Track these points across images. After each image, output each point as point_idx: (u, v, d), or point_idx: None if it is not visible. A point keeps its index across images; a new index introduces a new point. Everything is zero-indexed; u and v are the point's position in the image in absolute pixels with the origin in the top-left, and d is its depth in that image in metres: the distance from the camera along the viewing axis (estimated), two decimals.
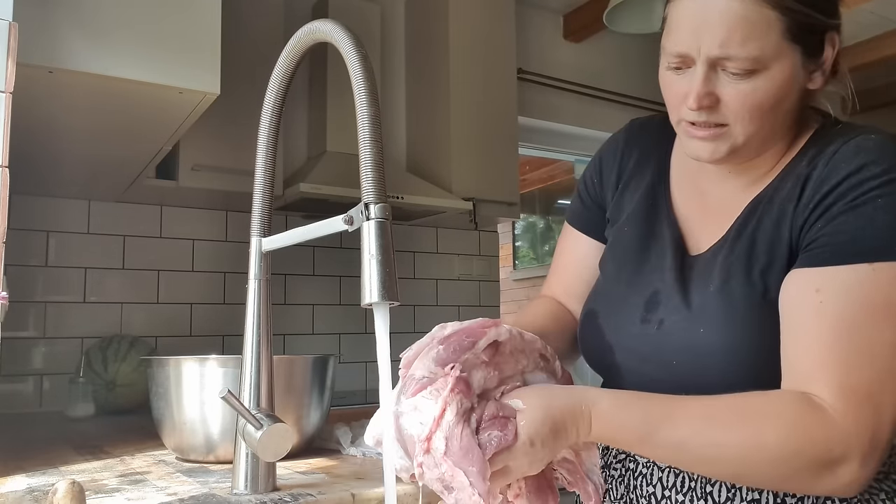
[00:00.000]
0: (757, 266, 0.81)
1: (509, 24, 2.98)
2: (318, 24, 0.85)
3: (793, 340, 0.75)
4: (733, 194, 0.89)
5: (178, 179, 2.19)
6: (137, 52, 1.29)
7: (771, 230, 0.81)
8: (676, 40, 0.80)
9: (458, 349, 0.70)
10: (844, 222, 0.74)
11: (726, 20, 0.76)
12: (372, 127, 0.75)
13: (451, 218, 2.82)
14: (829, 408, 0.69)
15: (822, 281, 0.73)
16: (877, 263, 0.72)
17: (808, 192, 0.79)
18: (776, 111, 0.81)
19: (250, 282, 0.94)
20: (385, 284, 0.72)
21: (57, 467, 1.12)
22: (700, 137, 0.83)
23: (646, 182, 0.98)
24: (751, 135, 0.81)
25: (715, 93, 0.79)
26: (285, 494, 0.90)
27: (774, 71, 0.78)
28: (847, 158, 0.78)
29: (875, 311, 0.71)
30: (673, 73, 0.83)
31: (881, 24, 3.79)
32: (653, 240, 0.93)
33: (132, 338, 2.15)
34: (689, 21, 0.79)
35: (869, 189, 0.74)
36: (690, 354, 0.82)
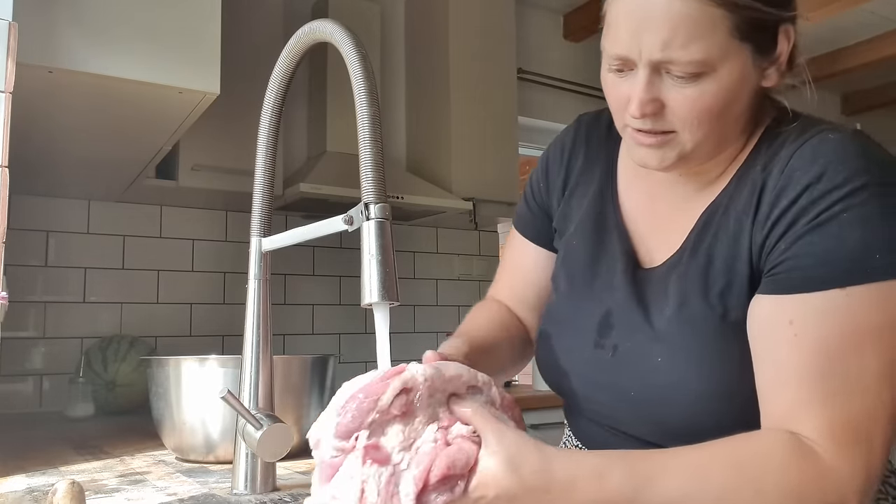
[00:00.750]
0: (715, 287, 0.75)
1: (509, 24, 2.99)
2: (318, 24, 0.85)
3: (770, 375, 0.70)
4: (685, 200, 0.83)
5: (178, 179, 2.19)
6: (137, 51, 1.29)
7: (728, 246, 0.75)
8: (615, 41, 0.74)
9: (358, 414, 0.62)
10: (810, 243, 0.68)
11: (667, 20, 0.69)
12: (372, 127, 0.74)
13: (451, 218, 2.82)
14: (821, 449, 0.64)
15: (794, 310, 0.68)
16: (850, 288, 0.66)
17: (764, 205, 0.73)
18: (726, 115, 0.74)
19: (250, 282, 0.94)
20: (385, 284, 0.72)
21: (57, 467, 1.12)
22: (647, 145, 0.76)
23: (593, 187, 0.92)
24: (700, 141, 0.75)
25: (659, 98, 0.73)
26: (285, 494, 0.90)
27: (723, 73, 0.71)
28: (804, 166, 0.71)
29: (854, 340, 0.66)
30: (615, 75, 0.76)
31: (881, 24, 3.78)
32: (602, 252, 0.88)
33: (132, 338, 2.15)
34: (628, 21, 0.72)
35: (832, 203, 0.68)
36: (649, 386, 0.77)
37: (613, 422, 0.84)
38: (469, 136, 2.80)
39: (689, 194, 0.83)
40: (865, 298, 0.66)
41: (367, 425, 0.62)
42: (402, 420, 0.64)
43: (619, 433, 0.83)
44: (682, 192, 0.84)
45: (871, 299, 0.66)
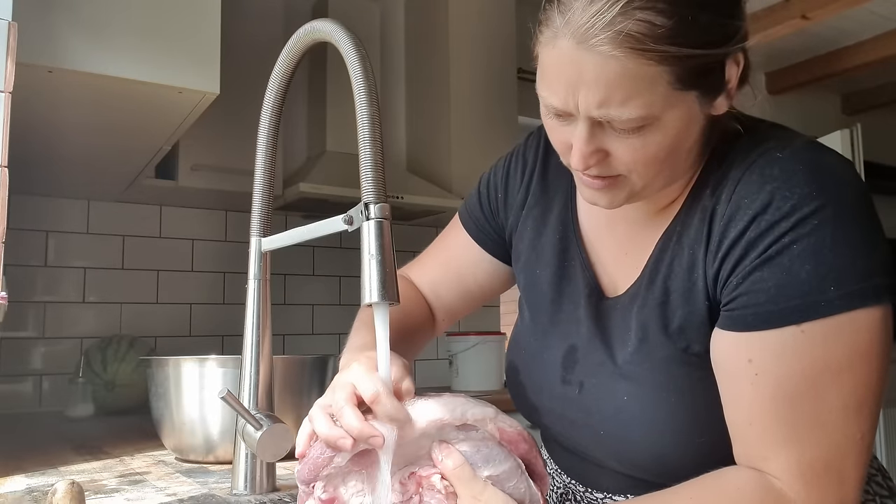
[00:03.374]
0: (674, 321, 0.73)
1: (509, 23, 2.99)
2: (317, 23, 0.85)
3: (735, 413, 0.69)
4: (642, 226, 0.81)
5: (178, 179, 2.19)
6: (137, 51, 1.29)
7: (683, 279, 0.73)
8: (552, 92, 0.70)
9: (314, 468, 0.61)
10: (761, 279, 0.66)
11: (602, 79, 0.64)
12: (372, 127, 0.74)
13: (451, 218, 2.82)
14: (791, 492, 0.64)
15: (751, 349, 0.66)
16: (804, 324, 0.64)
17: (715, 235, 0.70)
18: (674, 156, 0.71)
19: (250, 282, 0.94)
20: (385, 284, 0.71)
21: (56, 467, 1.12)
22: (595, 188, 0.74)
23: (554, 214, 0.89)
24: (650, 180, 0.72)
25: (603, 148, 0.70)
26: (285, 495, 0.90)
27: (667, 121, 0.67)
28: (751, 193, 0.68)
29: (814, 377, 0.64)
30: (555, 121, 0.73)
31: (881, 24, 3.79)
32: (566, 284, 0.86)
33: (132, 338, 2.15)
34: (562, 74, 0.68)
35: (780, 235, 0.65)
36: (616, 425, 0.77)
37: (585, 454, 0.85)
38: (469, 136, 2.80)
39: (645, 219, 0.81)
40: (821, 334, 0.64)
41: (322, 477, 0.61)
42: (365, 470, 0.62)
43: (593, 463, 0.85)
44: (639, 217, 0.82)
45: (827, 335, 0.64)
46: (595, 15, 0.63)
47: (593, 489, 0.87)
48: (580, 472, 0.89)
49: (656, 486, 0.72)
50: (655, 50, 0.63)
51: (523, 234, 0.92)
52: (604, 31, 0.63)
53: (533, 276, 0.90)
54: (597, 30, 0.63)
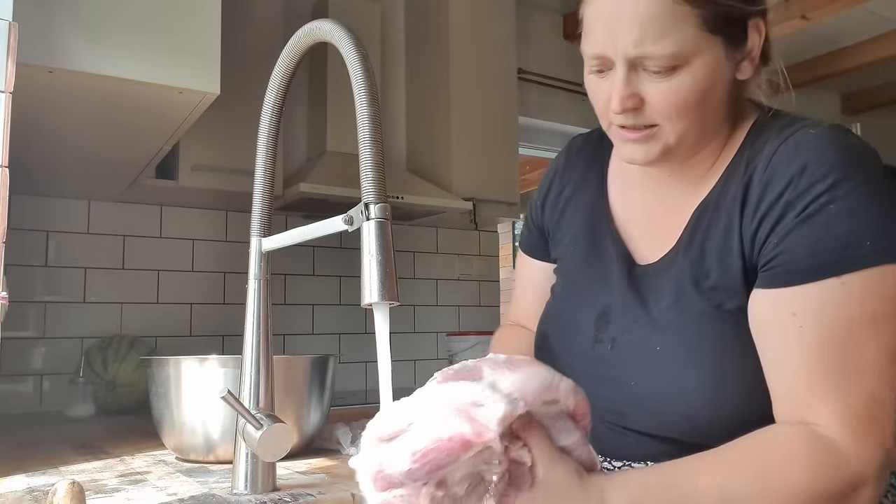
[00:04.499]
0: (709, 279, 0.77)
1: (509, 24, 2.99)
2: (318, 24, 0.85)
3: (779, 368, 0.72)
4: (677, 199, 0.85)
5: (178, 179, 2.19)
6: (137, 51, 1.29)
7: (720, 241, 0.78)
8: (593, 42, 0.78)
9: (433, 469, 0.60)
10: (801, 236, 0.71)
11: (638, 18, 0.73)
12: (372, 127, 0.74)
13: (451, 218, 2.82)
14: (837, 437, 0.67)
15: (795, 302, 0.70)
16: (844, 276, 0.69)
17: (752, 199, 0.76)
18: (704, 106, 0.77)
19: (250, 282, 0.94)
20: (385, 284, 0.72)
21: (57, 467, 1.12)
22: (632, 140, 0.80)
23: (587, 200, 0.95)
24: (682, 132, 0.78)
25: (638, 93, 0.76)
26: (285, 494, 0.90)
27: (696, 66, 0.75)
28: (787, 159, 0.74)
29: (854, 327, 0.68)
30: (596, 76, 0.80)
31: (881, 24, 3.79)
32: (597, 257, 0.90)
33: (132, 338, 2.15)
34: (602, 22, 0.76)
35: (817, 195, 0.71)
36: (649, 376, 0.79)
37: (615, 417, 0.84)
38: (469, 136, 2.80)
39: (681, 194, 0.85)
40: (860, 286, 0.68)
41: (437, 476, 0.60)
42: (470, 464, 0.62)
43: (620, 429, 0.84)
44: (674, 193, 0.86)
45: (865, 286, 0.68)
46: None
47: (612, 458, 0.86)
48: (602, 441, 0.87)
49: (684, 449, 0.72)
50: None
51: (560, 223, 0.98)
52: None
53: (567, 254, 0.95)
54: None
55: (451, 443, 0.60)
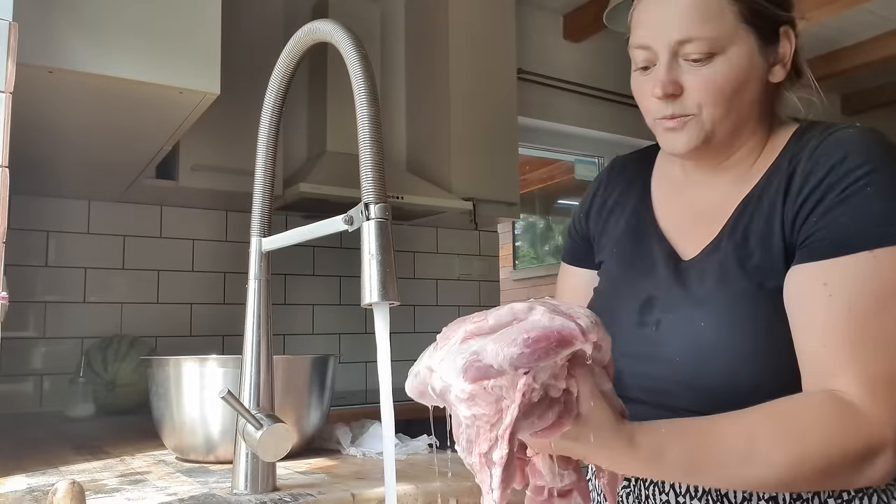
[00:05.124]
0: (752, 260, 0.82)
1: (509, 24, 2.99)
2: (318, 24, 0.85)
3: (808, 336, 0.76)
4: (722, 197, 0.90)
5: (178, 179, 2.20)
6: (137, 51, 1.29)
7: (762, 225, 0.83)
8: (641, 35, 0.86)
9: (541, 356, 0.62)
10: (839, 214, 0.76)
11: (684, 7, 0.82)
12: (372, 127, 0.75)
13: (451, 218, 2.82)
14: (859, 402, 0.70)
15: (827, 274, 0.75)
16: (876, 250, 0.73)
17: (795, 186, 0.81)
18: (738, 97, 0.84)
19: (250, 282, 0.94)
20: (385, 284, 0.72)
21: (57, 467, 1.12)
22: (672, 129, 0.86)
23: (630, 207, 1.00)
24: (718, 120, 0.84)
25: (678, 81, 0.84)
26: (285, 494, 0.90)
27: (731, 54, 0.82)
28: (829, 152, 0.80)
29: (884, 299, 0.72)
30: (641, 74, 0.88)
31: (881, 24, 3.79)
32: (641, 256, 0.94)
33: (132, 338, 2.15)
34: (651, 17, 0.85)
35: (855, 179, 0.76)
36: (692, 351, 0.83)
37: (658, 396, 0.86)
38: (469, 136, 2.80)
39: (724, 193, 0.90)
40: (891, 260, 0.73)
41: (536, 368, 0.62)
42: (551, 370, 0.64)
43: (661, 409, 0.86)
44: (718, 191, 0.91)
45: (895, 261, 0.73)
46: None
47: None
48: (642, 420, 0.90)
49: None
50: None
51: (605, 229, 1.03)
52: None
53: (611, 255, 1.00)
54: None
55: (561, 335, 0.63)
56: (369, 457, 1.19)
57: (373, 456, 1.19)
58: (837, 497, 0.79)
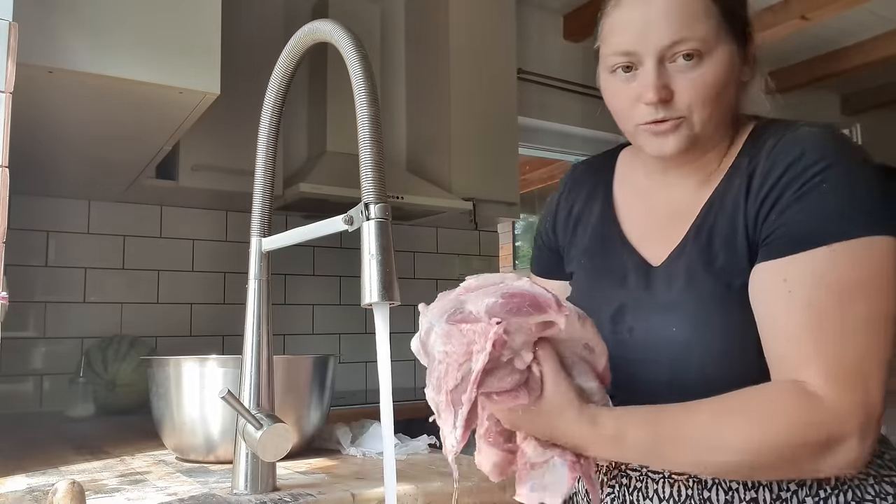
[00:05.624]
0: (717, 261, 0.83)
1: (509, 24, 2.99)
2: (318, 24, 0.85)
3: (771, 333, 0.77)
4: (685, 199, 0.91)
5: (178, 179, 2.20)
6: (137, 52, 1.29)
7: (726, 225, 0.84)
8: (621, 40, 0.84)
9: (512, 310, 0.69)
10: (797, 210, 0.77)
11: (672, 10, 0.82)
12: (372, 127, 0.75)
13: (451, 218, 2.82)
14: (823, 394, 0.71)
15: (787, 270, 0.76)
16: (834, 244, 0.74)
17: (755, 185, 0.82)
18: (722, 99, 0.84)
19: (250, 282, 0.94)
20: (385, 284, 0.72)
21: (57, 467, 1.12)
22: (662, 133, 0.85)
23: (595, 216, 1.00)
24: (705, 121, 0.84)
25: (668, 85, 0.83)
26: (285, 494, 0.90)
27: (717, 56, 0.83)
28: (786, 150, 0.82)
29: (842, 291, 0.73)
30: (618, 78, 0.86)
31: (881, 24, 3.79)
32: (611, 265, 0.95)
33: (132, 338, 2.15)
34: (632, 22, 0.84)
35: (812, 176, 0.78)
36: (667, 354, 0.84)
37: (639, 397, 0.86)
38: (469, 136, 2.80)
39: (687, 195, 0.91)
40: (847, 254, 0.74)
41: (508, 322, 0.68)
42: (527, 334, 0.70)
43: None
44: (680, 193, 0.92)
45: (852, 254, 0.74)
46: None
47: None
48: None
49: None
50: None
51: (573, 240, 1.03)
52: None
53: (580, 267, 1.00)
54: None
55: (536, 298, 0.70)
56: (369, 457, 1.19)
57: (373, 456, 1.19)
58: (815, 495, 0.80)
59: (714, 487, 0.82)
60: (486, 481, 0.98)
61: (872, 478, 0.81)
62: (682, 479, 0.84)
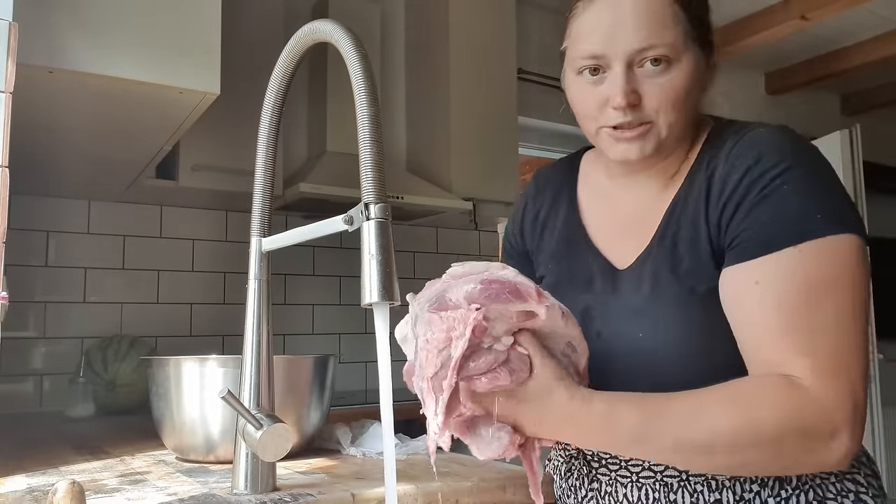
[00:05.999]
0: (682, 266, 0.84)
1: (509, 24, 2.99)
2: (318, 24, 0.85)
3: (748, 336, 0.77)
4: (648, 202, 0.92)
5: (178, 179, 2.20)
6: (137, 52, 1.29)
7: (689, 230, 0.84)
8: (590, 42, 0.84)
9: (491, 296, 0.70)
10: (760, 213, 0.78)
11: (641, 15, 0.82)
12: (372, 127, 0.75)
13: (451, 218, 2.82)
14: (809, 385, 0.71)
15: (757, 273, 0.77)
16: (800, 245, 0.75)
17: (715, 189, 0.83)
18: (688, 104, 0.85)
19: (250, 282, 0.94)
20: (385, 284, 0.72)
21: (57, 467, 1.12)
22: (628, 139, 0.85)
23: (560, 221, 1.01)
24: (672, 126, 0.85)
25: (637, 90, 0.83)
26: (285, 494, 0.90)
27: (684, 62, 0.83)
28: (743, 153, 0.82)
29: (811, 290, 0.74)
30: (585, 80, 0.86)
31: (881, 24, 3.79)
32: (578, 270, 0.95)
33: (132, 338, 2.15)
34: (602, 25, 0.84)
35: (772, 179, 0.79)
36: (635, 360, 0.85)
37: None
38: (469, 136, 2.80)
39: (650, 197, 0.92)
40: (814, 253, 0.75)
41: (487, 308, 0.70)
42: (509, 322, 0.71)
43: None
44: (643, 197, 0.93)
45: (819, 253, 0.75)
46: None
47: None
48: None
49: None
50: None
51: (540, 245, 1.03)
52: None
53: (547, 272, 1.00)
54: None
55: (517, 287, 0.71)
56: (369, 457, 1.19)
57: (373, 456, 1.19)
58: (776, 496, 0.81)
59: (680, 490, 0.83)
60: (486, 481, 0.98)
61: (834, 476, 0.82)
62: (650, 483, 0.85)
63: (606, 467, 0.90)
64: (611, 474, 0.89)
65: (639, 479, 0.86)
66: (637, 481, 0.86)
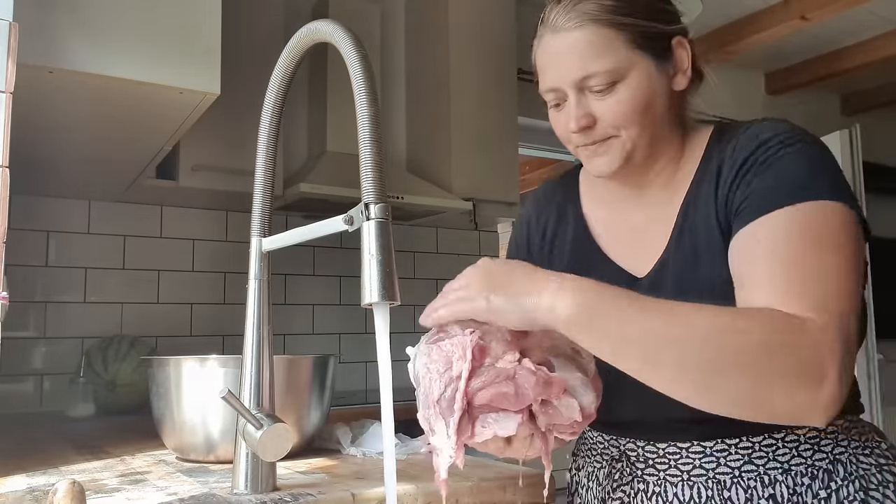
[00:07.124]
0: (701, 267, 0.86)
1: (509, 24, 2.99)
2: (318, 24, 0.85)
3: (749, 285, 0.77)
4: (656, 209, 0.94)
5: (178, 179, 2.20)
6: (137, 52, 1.29)
7: (704, 229, 0.87)
8: (545, 79, 0.91)
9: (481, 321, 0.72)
10: (762, 179, 0.82)
11: (577, 48, 0.87)
12: (372, 127, 0.75)
13: (451, 218, 2.82)
14: (805, 317, 0.69)
15: (759, 230, 0.79)
16: (798, 204, 0.78)
17: (723, 177, 0.87)
18: (649, 114, 0.89)
19: (250, 282, 0.94)
20: (385, 284, 0.72)
21: (57, 467, 1.12)
22: (594, 154, 0.91)
23: (569, 238, 1.03)
24: (636, 137, 0.89)
25: (590, 112, 0.89)
26: (285, 494, 0.90)
27: (632, 79, 0.87)
28: (749, 140, 0.86)
29: (811, 243, 0.76)
30: (554, 111, 0.93)
31: (881, 24, 3.79)
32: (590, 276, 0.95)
33: (132, 338, 2.15)
34: (550, 59, 0.91)
35: (776, 150, 0.83)
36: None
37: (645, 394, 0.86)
38: (469, 136, 2.80)
39: (658, 202, 0.94)
40: (813, 212, 0.77)
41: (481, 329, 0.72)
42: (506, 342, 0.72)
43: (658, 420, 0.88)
44: (650, 203, 0.95)
45: (817, 214, 0.77)
46: (562, 10, 0.90)
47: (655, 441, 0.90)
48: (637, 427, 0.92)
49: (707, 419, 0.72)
50: (608, 20, 0.87)
51: (551, 262, 1.04)
52: (568, 16, 0.89)
53: None
54: (564, 18, 0.89)
55: None
56: (369, 457, 1.19)
57: (373, 456, 1.19)
58: (826, 487, 0.83)
59: (733, 487, 0.84)
60: (486, 481, 0.98)
61: (874, 467, 0.85)
62: (701, 481, 0.85)
63: (654, 467, 0.90)
64: (659, 474, 0.89)
65: (690, 478, 0.86)
66: (688, 480, 0.86)
